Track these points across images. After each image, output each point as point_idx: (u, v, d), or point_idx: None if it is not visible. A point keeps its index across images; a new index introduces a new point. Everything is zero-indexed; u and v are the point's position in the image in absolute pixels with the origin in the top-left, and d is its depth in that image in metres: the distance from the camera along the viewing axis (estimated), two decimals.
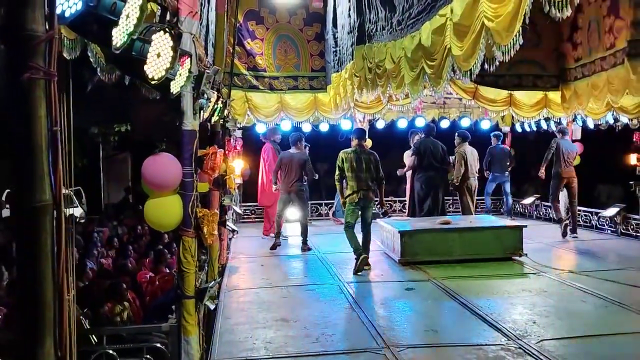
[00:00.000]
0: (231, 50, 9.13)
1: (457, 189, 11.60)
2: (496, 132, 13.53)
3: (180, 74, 3.61)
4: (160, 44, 3.06)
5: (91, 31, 2.35)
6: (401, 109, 11.77)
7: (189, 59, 3.68)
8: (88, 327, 5.96)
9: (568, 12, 3.93)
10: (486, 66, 5.25)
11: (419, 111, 12.81)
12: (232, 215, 12.57)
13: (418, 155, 10.36)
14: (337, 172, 8.36)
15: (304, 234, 10.10)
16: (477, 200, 13.86)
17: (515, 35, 4.56)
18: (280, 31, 9.79)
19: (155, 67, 3.07)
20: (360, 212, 8.35)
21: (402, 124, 13.99)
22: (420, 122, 13.34)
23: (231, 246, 10.54)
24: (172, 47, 3.15)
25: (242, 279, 8.13)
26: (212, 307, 4.81)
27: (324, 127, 13.20)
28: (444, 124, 14.06)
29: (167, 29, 3.08)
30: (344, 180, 8.38)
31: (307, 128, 13.23)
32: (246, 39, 9.63)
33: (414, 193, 10.89)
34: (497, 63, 5.16)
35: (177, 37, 3.31)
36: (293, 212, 10.23)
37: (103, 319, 6.66)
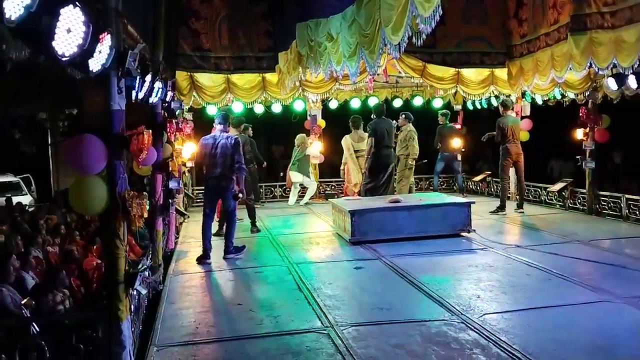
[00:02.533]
0: (175, 30, 8.95)
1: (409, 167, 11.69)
2: (444, 111, 13.58)
3: (99, 51, 3.46)
4: (70, 18, 2.91)
5: None
6: (353, 88, 11.70)
7: (109, 35, 3.52)
8: (28, 316, 5.81)
9: None
10: (414, 40, 5.20)
11: (371, 90, 12.76)
12: (184, 199, 12.41)
13: (375, 136, 10.31)
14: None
15: (252, 216, 10.01)
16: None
17: (436, 6, 4.50)
18: (226, 10, 9.57)
19: (65, 43, 2.92)
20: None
21: (355, 103, 13.96)
22: (372, 102, 13.34)
23: (181, 230, 10.39)
24: (84, 22, 3.00)
25: (189, 263, 8.00)
26: (143, 292, 4.70)
27: (276, 108, 13.11)
28: (397, 103, 14.08)
29: (77, 3, 2.93)
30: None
31: (259, 109, 13.13)
32: (190, 18, 9.41)
33: (364, 174, 10.87)
34: (432, 38, 5.13)
35: (92, 12, 3.16)
36: None
37: (45, 308, 6.49)
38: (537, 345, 4.55)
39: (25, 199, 17.44)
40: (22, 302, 6.12)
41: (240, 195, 8.03)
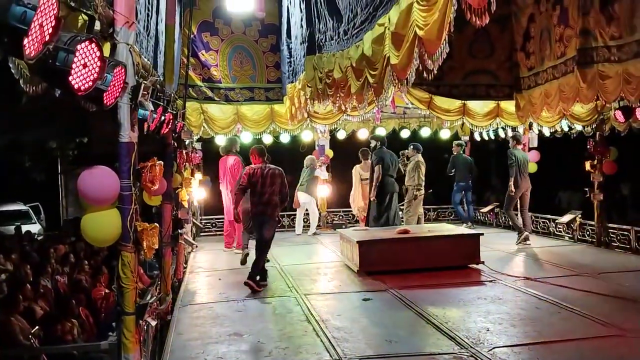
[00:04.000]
0: (185, 62, 9.06)
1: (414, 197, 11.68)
2: (459, 141, 13.64)
3: (113, 85, 3.53)
4: (86, 54, 2.98)
5: (2, 42, 2.26)
6: (360, 119, 11.79)
7: (124, 69, 3.59)
8: (37, 346, 5.82)
9: (486, 20, 3.97)
10: (425, 75, 5.27)
11: (379, 121, 12.85)
12: (192, 228, 12.43)
13: (382, 164, 10.41)
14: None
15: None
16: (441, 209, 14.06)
17: (443, 44, 4.56)
18: (236, 42, 9.72)
19: (81, 77, 2.99)
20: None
21: (362, 134, 14.05)
22: (380, 133, 13.41)
23: (189, 260, 10.40)
24: (100, 57, 3.07)
25: (198, 293, 8.00)
26: (153, 323, 4.71)
27: (285, 139, 13.19)
28: (404, 134, 14.15)
29: (93, 39, 3.00)
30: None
31: (267, 140, 13.21)
32: (200, 50, 9.54)
33: (371, 202, 10.92)
34: (439, 71, 5.19)
35: (107, 47, 3.23)
36: None
37: (54, 337, 6.50)
38: None
39: (35, 228, 17.54)
40: (32, 332, 6.14)
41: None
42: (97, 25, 3.29)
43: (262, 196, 8.02)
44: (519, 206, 11.25)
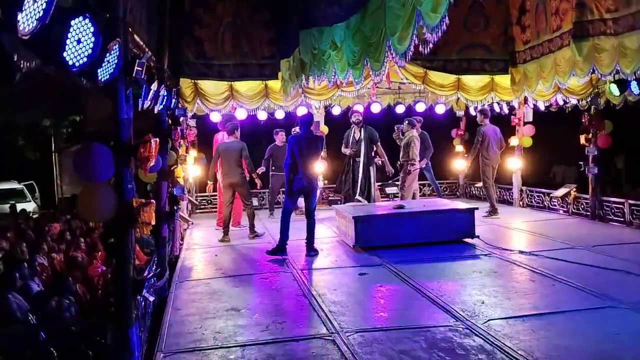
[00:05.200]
0: (179, 38, 8.99)
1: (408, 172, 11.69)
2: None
3: (108, 61, 3.50)
4: (80, 29, 2.95)
5: None
6: (355, 94, 11.74)
7: (118, 45, 3.57)
8: (35, 322, 5.84)
9: None
10: (421, 48, 5.25)
11: (374, 97, 12.80)
12: (188, 205, 12.44)
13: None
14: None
15: (251, 222, 10.15)
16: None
17: (443, 16, 4.54)
18: (229, 18, 9.61)
19: (75, 53, 2.96)
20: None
21: (358, 109, 13.96)
22: (375, 108, 13.33)
23: (185, 237, 10.42)
24: (94, 32, 3.04)
25: (194, 269, 8.04)
26: (151, 298, 4.73)
27: (279, 115, 13.12)
28: (400, 109, 14.08)
29: (88, 14, 2.97)
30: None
31: (262, 116, 13.14)
32: (194, 26, 9.45)
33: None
34: (433, 46, 5.17)
35: (101, 23, 3.20)
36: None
37: (51, 315, 6.52)
38: (541, 351, 4.57)
39: (29, 206, 17.51)
40: (29, 309, 6.16)
41: None
42: (92, 1, 3.26)
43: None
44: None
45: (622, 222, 10.18)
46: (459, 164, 14.28)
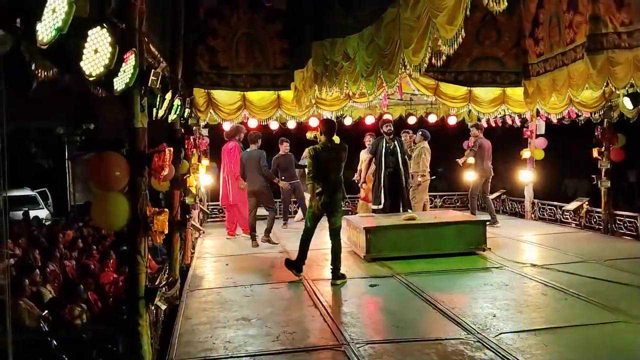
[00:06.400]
0: (193, 49, 9.04)
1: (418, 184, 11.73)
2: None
3: (124, 71, 3.54)
4: (98, 39, 2.99)
5: (15, 27, 2.27)
6: (367, 105, 11.74)
7: (134, 55, 3.60)
8: (47, 329, 5.87)
9: (504, 5, 3.94)
10: (434, 60, 5.26)
11: (385, 108, 12.80)
12: (199, 214, 12.48)
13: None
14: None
15: (269, 225, 10.30)
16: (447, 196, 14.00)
17: (458, 29, 4.55)
18: (243, 29, 9.66)
19: (92, 63, 3.00)
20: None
21: (369, 120, 14.00)
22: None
23: (196, 246, 10.45)
24: (111, 42, 3.08)
25: (205, 278, 8.06)
26: (163, 307, 4.74)
27: (291, 125, 13.15)
28: (411, 121, 14.09)
29: (105, 25, 3.01)
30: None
31: (274, 126, 13.19)
32: (208, 37, 9.51)
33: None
34: (445, 58, 5.17)
35: (118, 33, 3.24)
36: None
37: (62, 322, 6.55)
38: None
39: (42, 213, 17.64)
40: (41, 316, 6.20)
41: None
42: (109, 11, 3.29)
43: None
44: (481, 192, 11.94)
45: (634, 236, 10.12)
46: (470, 176, 14.21)
